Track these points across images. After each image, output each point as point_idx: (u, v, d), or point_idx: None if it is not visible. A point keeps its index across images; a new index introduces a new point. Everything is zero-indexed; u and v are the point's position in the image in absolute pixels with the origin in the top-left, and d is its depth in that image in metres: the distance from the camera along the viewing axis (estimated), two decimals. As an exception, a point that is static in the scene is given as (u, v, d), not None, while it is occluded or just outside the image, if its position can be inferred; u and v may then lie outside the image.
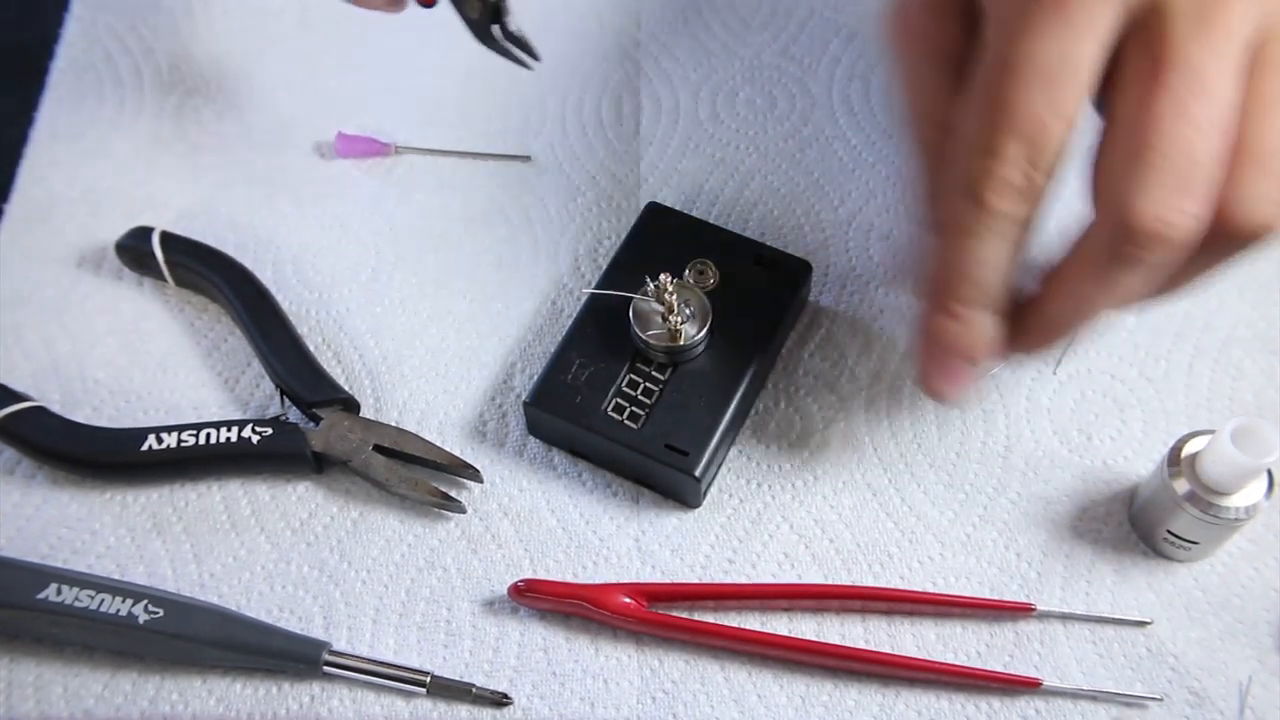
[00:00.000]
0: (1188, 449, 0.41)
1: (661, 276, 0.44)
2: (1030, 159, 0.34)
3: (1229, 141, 0.34)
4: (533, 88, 0.57)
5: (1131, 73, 0.34)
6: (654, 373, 0.45)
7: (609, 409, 0.44)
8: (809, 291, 0.49)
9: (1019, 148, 0.34)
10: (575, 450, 0.46)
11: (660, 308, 0.44)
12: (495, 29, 0.47)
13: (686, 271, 0.46)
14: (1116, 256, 0.35)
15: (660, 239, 0.48)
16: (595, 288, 0.47)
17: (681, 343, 0.44)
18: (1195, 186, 0.33)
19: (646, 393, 0.44)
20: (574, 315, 0.46)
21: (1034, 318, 0.38)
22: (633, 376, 0.45)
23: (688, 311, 0.44)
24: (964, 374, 0.39)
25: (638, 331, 0.44)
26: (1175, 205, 0.33)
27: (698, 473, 0.43)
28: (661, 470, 0.43)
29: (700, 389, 0.44)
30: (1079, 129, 0.35)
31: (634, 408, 0.44)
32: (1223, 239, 0.35)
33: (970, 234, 0.36)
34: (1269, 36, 0.34)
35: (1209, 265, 0.36)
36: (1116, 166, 0.34)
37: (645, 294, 0.44)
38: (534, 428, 0.46)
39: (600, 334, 0.46)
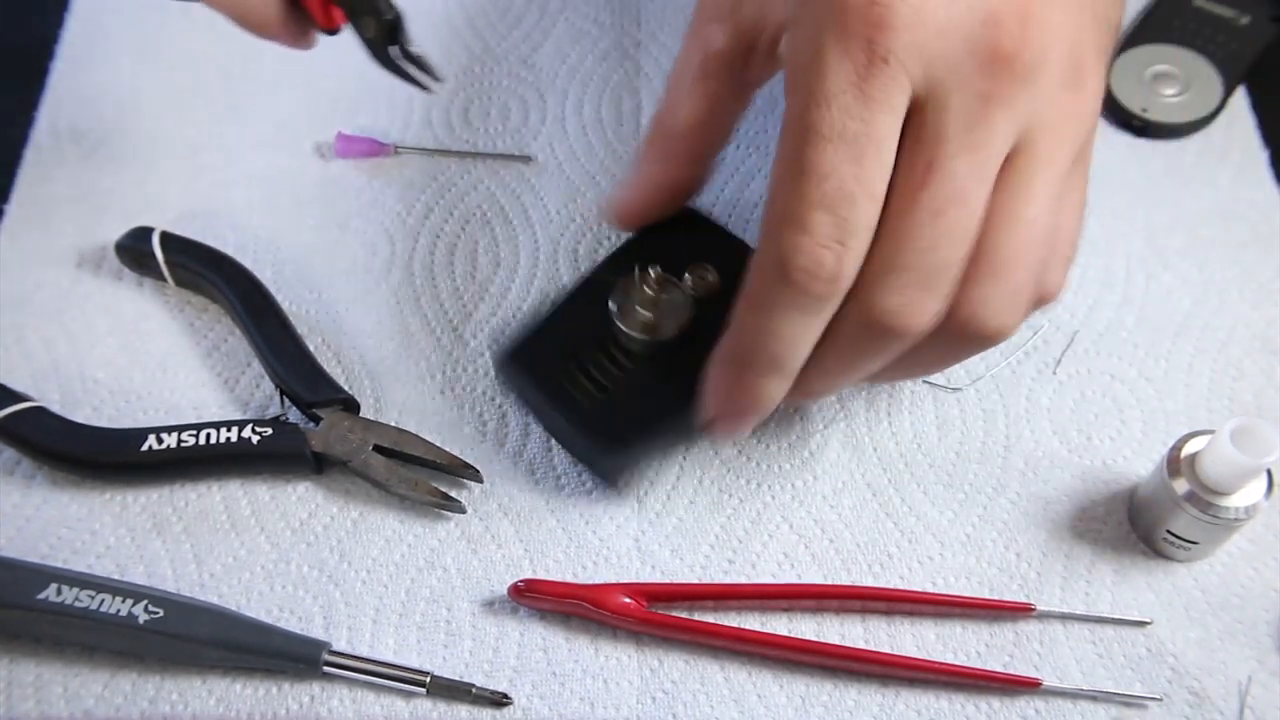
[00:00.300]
0: (1187, 449, 0.41)
1: (651, 269, 0.43)
2: (839, 235, 0.34)
3: (969, 252, 0.35)
4: (533, 88, 0.57)
5: (903, 167, 0.35)
6: (620, 359, 0.44)
7: (563, 378, 0.43)
8: None
9: (827, 220, 0.34)
10: (532, 412, 0.47)
11: (641, 304, 0.43)
12: (393, 49, 0.46)
13: (687, 274, 0.45)
14: (858, 341, 0.36)
15: (676, 235, 0.46)
16: (586, 273, 0.46)
17: (656, 337, 0.43)
18: (937, 288, 0.35)
19: (604, 374, 0.43)
20: (564, 292, 0.45)
21: (802, 381, 0.39)
22: (599, 356, 0.44)
23: (666, 307, 0.43)
24: (749, 424, 0.40)
25: (615, 318, 0.43)
26: (916, 304, 0.35)
27: (617, 446, 0.43)
28: (582, 438, 0.44)
29: (655, 384, 0.43)
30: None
31: (587, 385, 0.43)
32: (956, 338, 0.36)
33: (776, 310, 0.36)
34: (1019, 146, 0.35)
35: (946, 357, 0.39)
36: (871, 258, 0.35)
37: (633, 279, 0.43)
38: (500, 376, 0.47)
39: (585, 311, 0.44)
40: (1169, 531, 0.42)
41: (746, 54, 0.41)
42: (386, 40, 0.45)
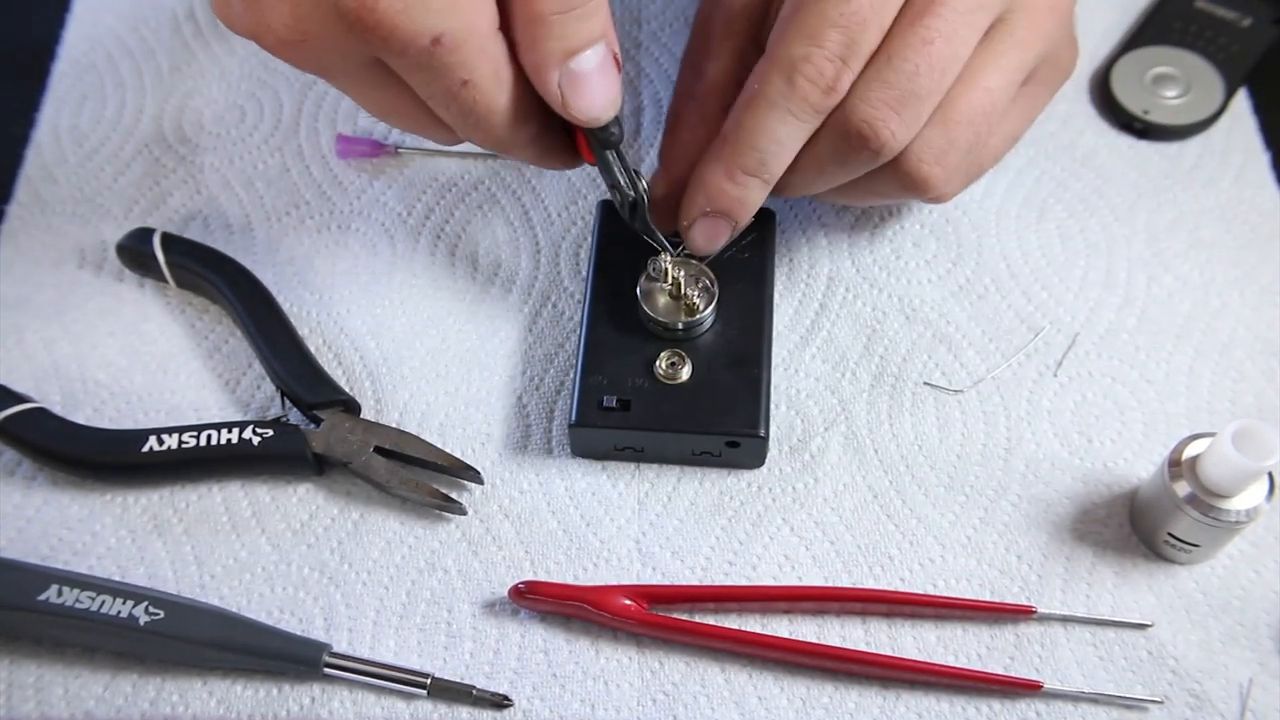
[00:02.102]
0: (1188, 451, 0.41)
1: (662, 256, 0.45)
2: (844, 54, 0.39)
3: (941, 97, 0.40)
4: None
5: (908, 6, 0.40)
6: (680, 351, 0.45)
7: (653, 400, 0.44)
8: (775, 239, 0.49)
9: (840, 39, 0.39)
10: (622, 455, 0.46)
11: (669, 287, 0.45)
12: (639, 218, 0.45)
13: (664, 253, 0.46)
14: (833, 149, 0.41)
15: (627, 231, 0.47)
16: (587, 296, 0.47)
17: (698, 316, 0.45)
18: (908, 113, 0.40)
19: (678, 373, 0.45)
20: (581, 324, 0.46)
21: None
22: (663, 363, 0.45)
23: (702, 284, 0.45)
24: (726, 235, 0.44)
25: (650, 314, 0.45)
26: (888, 122, 0.39)
27: (762, 432, 0.44)
28: (727, 440, 0.44)
29: (728, 354, 0.45)
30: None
31: (676, 392, 0.44)
32: (896, 171, 0.41)
33: (773, 108, 0.40)
34: (1001, 19, 0.41)
35: (883, 191, 0.44)
36: (860, 76, 0.40)
37: (650, 277, 0.45)
38: (580, 447, 0.46)
39: (612, 334, 0.46)
40: (1170, 534, 0.42)
41: (765, 10, 0.45)
42: (631, 212, 0.44)
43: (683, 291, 0.45)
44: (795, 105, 0.40)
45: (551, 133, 0.41)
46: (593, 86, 0.38)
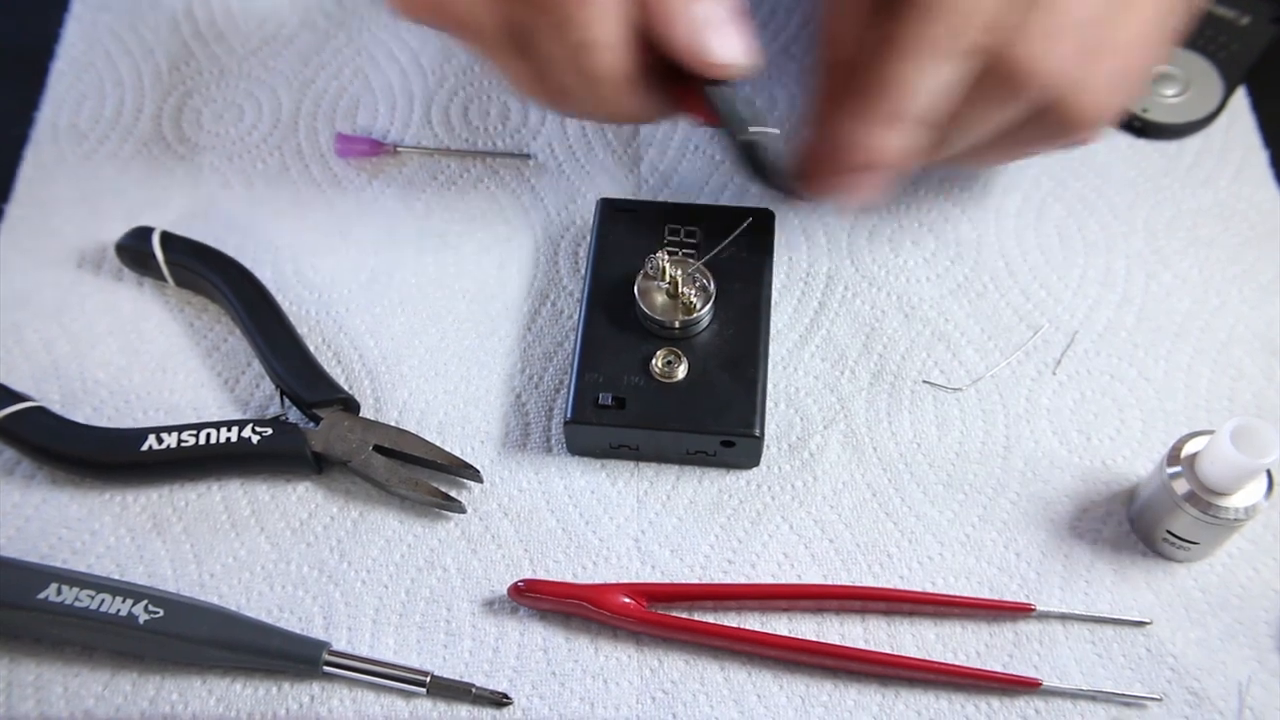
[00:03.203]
0: (1187, 449, 0.41)
1: (659, 255, 0.45)
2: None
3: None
4: (533, 88, 0.57)
5: None
6: (677, 350, 0.45)
7: (648, 398, 0.44)
8: (774, 239, 0.49)
9: None
10: (618, 453, 0.46)
11: (666, 285, 0.45)
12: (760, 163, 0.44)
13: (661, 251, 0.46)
14: (993, 92, 0.39)
15: (627, 229, 0.48)
16: (585, 294, 0.47)
17: (694, 314, 0.45)
18: (1079, 42, 0.38)
19: (674, 371, 0.45)
20: (578, 322, 0.46)
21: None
22: (659, 361, 0.45)
23: (699, 283, 0.45)
24: (877, 184, 0.42)
25: (648, 312, 0.45)
26: (1060, 54, 0.38)
27: (757, 432, 0.44)
28: (721, 440, 0.44)
29: (724, 353, 0.45)
30: None
31: (671, 390, 0.44)
32: (1055, 115, 0.40)
33: (939, 55, 0.38)
34: None
35: (1038, 140, 0.42)
36: (1025, 15, 0.38)
37: (647, 275, 0.45)
38: (576, 444, 0.46)
39: (608, 331, 0.46)
40: (1169, 532, 0.42)
41: None
42: (744, 159, 0.43)
43: (680, 290, 0.45)
44: (949, 43, 0.38)
45: (661, 93, 0.41)
46: (727, 31, 0.38)
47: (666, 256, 0.45)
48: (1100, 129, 0.41)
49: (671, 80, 0.40)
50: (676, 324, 0.45)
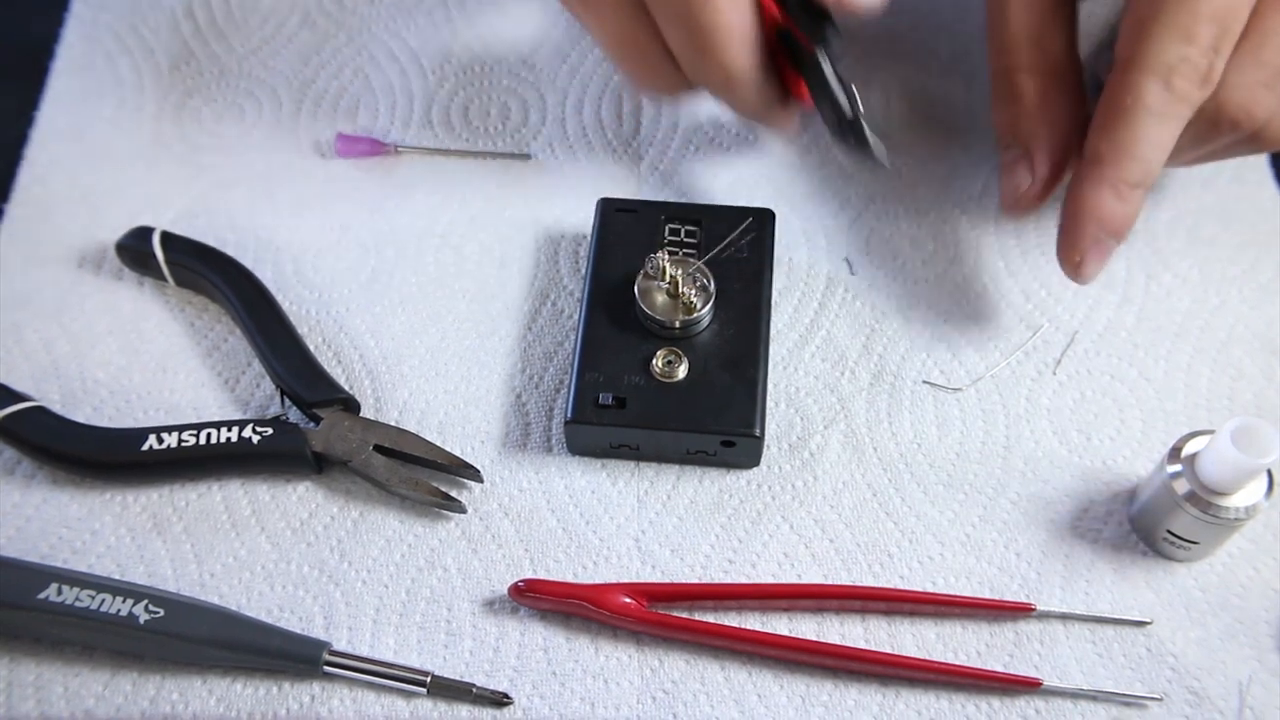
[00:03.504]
0: (1187, 449, 0.41)
1: (658, 255, 0.45)
2: (1217, 44, 0.38)
3: None
4: (532, 88, 0.57)
5: None
6: (677, 350, 0.45)
7: (649, 398, 0.44)
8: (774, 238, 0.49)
9: (1213, 31, 0.38)
10: (619, 453, 0.46)
11: (666, 285, 0.45)
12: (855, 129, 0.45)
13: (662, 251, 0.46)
14: (1203, 133, 0.41)
15: (627, 229, 0.48)
16: (585, 293, 0.47)
17: (695, 314, 0.45)
18: (1278, 88, 0.39)
19: (675, 371, 0.45)
20: (578, 322, 0.46)
21: None
22: (659, 361, 0.45)
23: (699, 283, 0.45)
24: (1109, 251, 0.43)
25: (648, 312, 0.45)
26: (1264, 100, 0.39)
27: (757, 431, 0.43)
28: (721, 439, 0.44)
29: (724, 353, 0.45)
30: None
31: (671, 390, 0.44)
32: (1250, 143, 0.42)
33: (1152, 116, 0.39)
34: None
35: (1220, 155, 0.44)
36: (1232, 58, 0.39)
37: (647, 275, 0.45)
38: (576, 444, 0.46)
39: (609, 331, 0.46)
40: (1169, 531, 0.42)
41: None
42: (839, 131, 0.45)
43: (680, 290, 0.45)
44: (1174, 107, 0.39)
45: (771, 76, 0.42)
46: None
47: (666, 256, 0.45)
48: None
49: (782, 69, 0.41)
50: (677, 324, 0.45)
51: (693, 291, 0.45)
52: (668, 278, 0.45)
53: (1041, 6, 0.44)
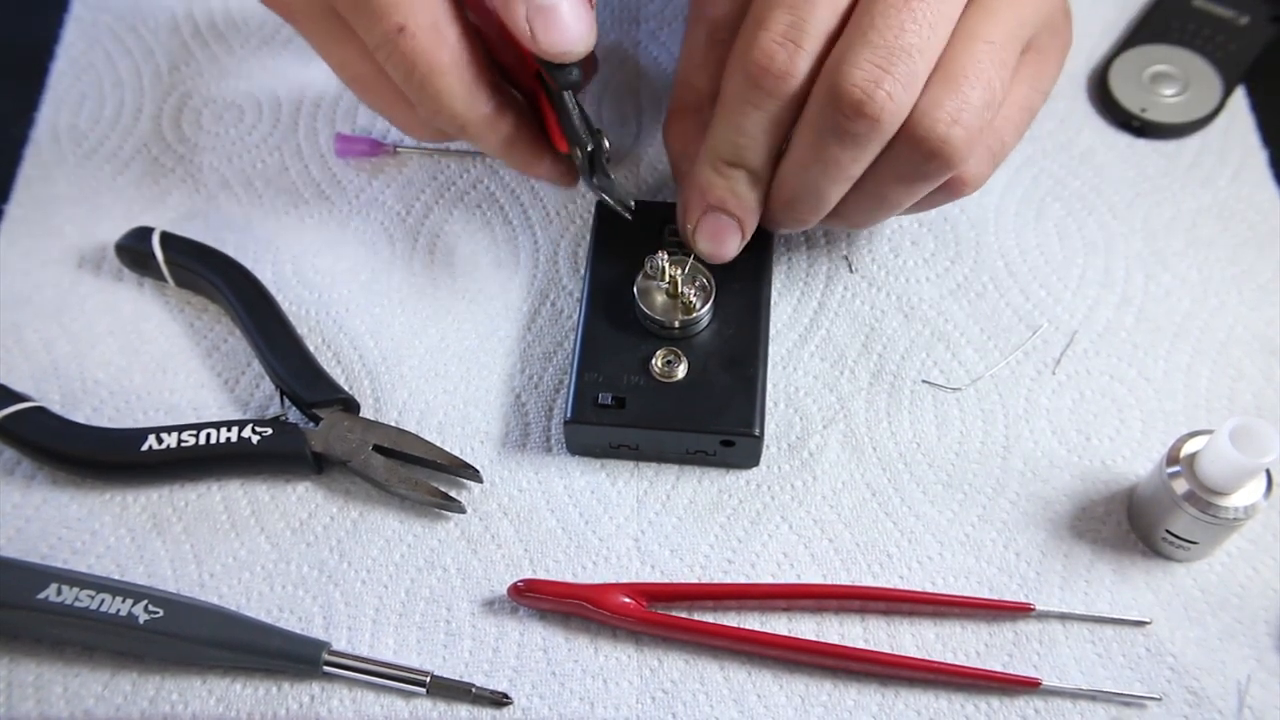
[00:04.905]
0: (1186, 449, 0.41)
1: (659, 255, 0.45)
2: (793, 35, 0.38)
3: (936, 55, 0.38)
4: (532, 88, 0.57)
5: None
6: (676, 350, 0.45)
7: (648, 398, 0.44)
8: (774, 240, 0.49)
9: (785, 18, 0.38)
10: (618, 453, 0.46)
11: (665, 285, 0.45)
12: (596, 176, 0.46)
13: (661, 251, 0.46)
14: (827, 127, 0.39)
15: (627, 229, 0.48)
16: (584, 293, 0.47)
17: (694, 314, 0.45)
18: (901, 72, 0.37)
19: (674, 371, 0.45)
20: (578, 322, 0.46)
21: (775, 193, 0.43)
22: (658, 360, 0.45)
23: (699, 282, 0.45)
24: (730, 235, 0.44)
25: (647, 312, 0.45)
26: (880, 82, 0.37)
27: (757, 431, 0.43)
28: (721, 439, 0.44)
29: (724, 353, 0.45)
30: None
31: (671, 390, 0.44)
32: (910, 147, 0.39)
33: (737, 100, 0.40)
34: None
35: (904, 179, 0.41)
36: (842, 42, 0.38)
37: (647, 275, 0.45)
38: (576, 444, 0.46)
39: (608, 331, 0.46)
40: (1168, 531, 0.42)
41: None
42: (589, 167, 0.46)
43: (679, 290, 0.45)
44: (753, 94, 0.39)
45: (519, 119, 0.41)
46: (563, 19, 0.37)
47: (666, 256, 0.45)
48: (973, 171, 0.42)
49: (519, 78, 0.41)
50: (676, 324, 0.45)
51: (692, 291, 0.45)
52: (667, 278, 0.45)
53: (697, 49, 0.45)
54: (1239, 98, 0.56)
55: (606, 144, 0.44)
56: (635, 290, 0.45)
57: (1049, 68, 0.44)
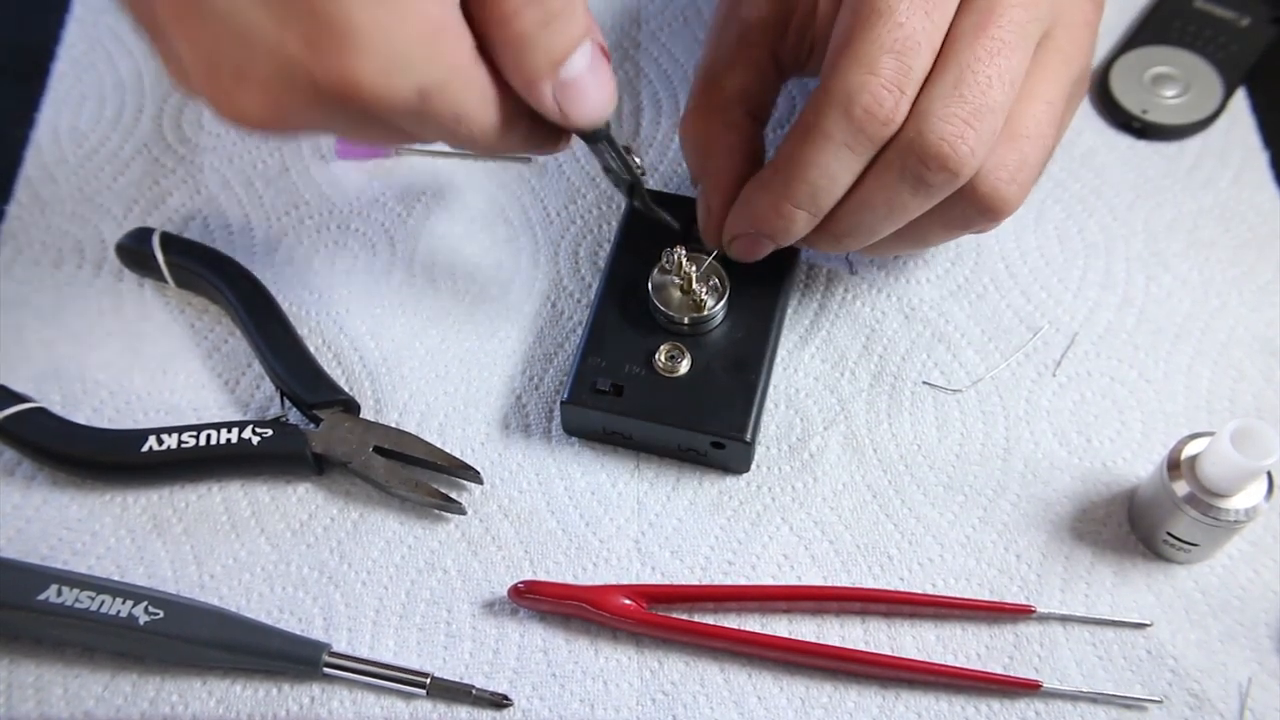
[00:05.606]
0: (1187, 451, 0.41)
1: (676, 250, 0.45)
2: (900, 81, 0.38)
3: (1008, 113, 0.39)
4: (533, 89, 0.57)
5: (964, 13, 0.39)
6: (680, 345, 0.45)
7: (646, 390, 0.44)
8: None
9: (894, 64, 0.38)
10: (612, 439, 0.46)
11: (679, 280, 0.45)
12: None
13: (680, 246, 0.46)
14: (904, 174, 0.39)
15: (653, 223, 0.48)
16: (602, 278, 0.47)
17: (705, 312, 0.45)
18: (983, 129, 0.38)
19: (676, 366, 0.45)
20: (590, 306, 0.47)
21: (828, 224, 0.42)
22: (662, 354, 0.45)
23: (712, 282, 0.45)
24: (765, 249, 0.44)
25: (659, 306, 0.45)
26: (965, 137, 0.38)
27: (748, 436, 0.43)
28: (712, 440, 0.44)
29: (729, 354, 0.45)
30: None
31: (670, 385, 0.44)
32: (969, 199, 0.40)
33: (828, 141, 0.39)
34: (1047, 34, 0.40)
35: (954, 224, 0.42)
36: (931, 90, 0.38)
37: (663, 269, 0.45)
38: (571, 424, 0.46)
39: (618, 320, 0.46)
40: (1169, 533, 0.42)
41: (784, 25, 0.45)
42: (630, 192, 0.45)
43: (692, 286, 0.45)
44: (852, 138, 0.38)
45: (540, 126, 0.41)
46: (588, 90, 0.37)
47: (684, 252, 0.45)
48: (1010, 214, 0.41)
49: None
50: (686, 320, 0.45)
51: (704, 290, 0.45)
52: (682, 273, 0.45)
53: (728, 48, 0.45)
54: (1240, 99, 0.56)
55: (637, 161, 0.43)
56: (650, 283, 0.45)
57: (1071, 116, 0.45)
